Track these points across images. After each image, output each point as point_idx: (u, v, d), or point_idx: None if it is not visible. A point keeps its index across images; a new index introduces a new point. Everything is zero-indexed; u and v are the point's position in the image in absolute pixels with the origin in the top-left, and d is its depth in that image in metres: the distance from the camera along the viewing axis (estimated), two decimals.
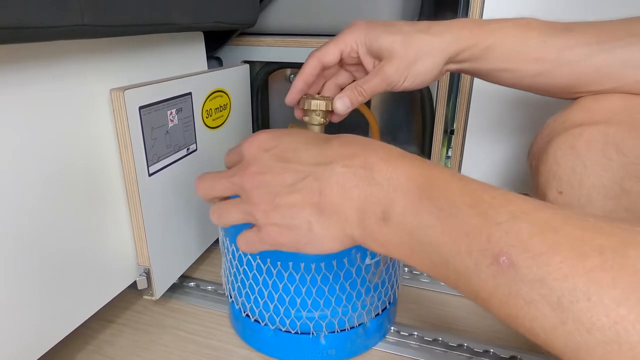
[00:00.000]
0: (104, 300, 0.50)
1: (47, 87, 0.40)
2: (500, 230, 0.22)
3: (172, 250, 0.57)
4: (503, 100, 0.68)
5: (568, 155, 0.35)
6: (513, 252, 0.21)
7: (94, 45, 0.44)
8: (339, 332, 0.48)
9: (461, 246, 0.23)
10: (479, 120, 0.70)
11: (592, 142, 0.34)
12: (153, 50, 0.53)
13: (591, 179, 0.34)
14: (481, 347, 0.51)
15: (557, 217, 0.22)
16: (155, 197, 0.52)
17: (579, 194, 0.35)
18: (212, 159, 0.64)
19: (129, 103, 0.45)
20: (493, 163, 0.72)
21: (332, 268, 0.44)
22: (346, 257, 0.44)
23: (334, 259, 0.44)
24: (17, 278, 0.39)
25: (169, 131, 0.53)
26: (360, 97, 0.42)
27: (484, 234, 0.23)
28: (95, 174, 0.46)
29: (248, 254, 0.45)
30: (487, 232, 0.23)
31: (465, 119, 0.72)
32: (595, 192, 0.34)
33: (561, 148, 0.36)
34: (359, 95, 0.42)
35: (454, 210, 0.24)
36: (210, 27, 0.56)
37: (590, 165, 0.34)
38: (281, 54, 0.74)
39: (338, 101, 0.43)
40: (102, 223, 0.48)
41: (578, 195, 0.35)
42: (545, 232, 0.21)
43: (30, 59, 0.37)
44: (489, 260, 0.22)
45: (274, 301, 0.46)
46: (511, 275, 0.21)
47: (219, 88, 0.63)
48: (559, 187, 0.36)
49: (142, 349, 0.51)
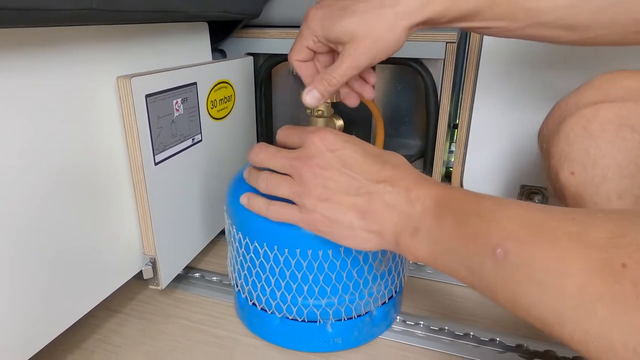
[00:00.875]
0: (109, 289, 0.50)
1: (52, 73, 0.39)
2: (497, 228, 0.27)
3: (178, 240, 0.57)
4: (505, 94, 0.68)
5: (581, 137, 0.35)
6: (506, 244, 0.26)
7: (99, 33, 0.44)
8: (345, 320, 0.48)
9: (470, 248, 0.28)
10: (482, 115, 0.70)
11: (605, 123, 0.34)
12: (158, 40, 0.53)
13: (605, 159, 0.34)
14: (487, 335, 0.51)
15: (543, 214, 0.26)
16: (161, 187, 0.52)
17: (593, 174, 0.35)
18: (217, 150, 0.64)
19: (135, 91, 0.45)
20: (497, 157, 0.72)
21: (339, 255, 0.44)
22: None
23: (341, 247, 0.43)
24: (24, 267, 0.39)
25: (175, 120, 0.53)
26: (330, 87, 0.40)
27: (486, 234, 0.27)
28: (100, 163, 0.46)
29: (254, 241, 0.45)
30: (488, 231, 0.27)
31: (469, 113, 0.72)
32: (610, 171, 0.34)
33: (574, 129, 0.36)
34: (328, 85, 0.40)
35: (466, 220, 0.29)
36: (216, 17, 0.56)
37: (604, 146, 0.34)
38: (285, 46, 0.74)
39: (307, 96, 0.41)
40: (107, 213, 0.48)
41: (592, 176, 0.35)
42: (531, 226, 0.26)
43: (36, 44, 0.37)
44: (489, 253, 0.27)
45: (281, 289, 0.46)
46: (505, 263, 0.26)
47: (223, 79, 0.63)
48: (572, 168, 0.36)
49: (149, 337, 0.51)
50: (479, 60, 0.68)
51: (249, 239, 0.46)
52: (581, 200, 0.36)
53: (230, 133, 0.67)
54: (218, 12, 0.55)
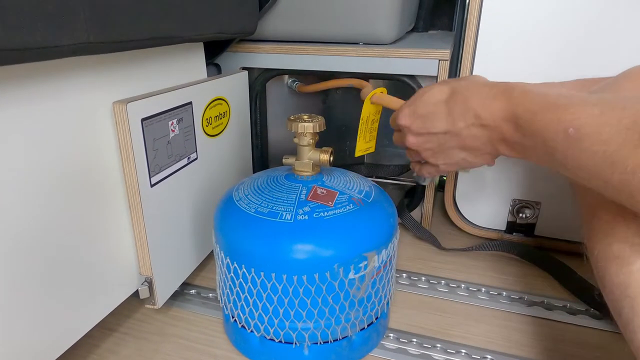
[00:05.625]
0: (106, 310, 0.50)
1: (50, 101, 0.40)
2: (566, 113, 0.34)
3: (174, 258, 0.57)
4: None
5: None
6: (575, 123, 0.33)
7: (95, 59, 0.44)
8: (322, 344, 0.48)
9: (549, 130, 0.35)
10: None
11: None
12: (153, 61, 0.53)
13: None
14: (480, 353, 0.52)
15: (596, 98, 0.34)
16: (157, 207, 0.52)
17: None
18: (213, 167, 0.64)
19: (131, 115, 0.46)
20: (489, 169, 0.73)
21: (314, 281, 0.44)
22: (328, 271, 0.44)
23: (315, 272, 0.44)
24: (20, 289, 0.39)
25: (170, 141, 0.53)
26: None
27: (556, 118, 0.34)
28: (97, 185, 0.47)
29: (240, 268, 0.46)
30: (559, 116, 0.34)
31: None
32: None
33: None
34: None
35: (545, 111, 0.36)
36: (211, 38, 0.57)
37: None
38: (279, 61, 0.74)
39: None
40: (104, 233, 0.48)
41: None
42: (589, 106, 0.33)
43: (33, 74, 0.38)
44: (562, 133, 0.34)
45: (259, 309, 0.47)
46: (574, 137, 0.33)
47: (218, 96, 0.63)
48: None
49: (146, 357, 0.51)
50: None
51: (229, 259, 0.47)
52: None
53: (226, 149, 0.68)
54: (213, 33, 0.55)
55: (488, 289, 0.64)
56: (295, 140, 0.49)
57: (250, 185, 0.51)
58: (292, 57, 0.73)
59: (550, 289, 0.63)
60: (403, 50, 0.67)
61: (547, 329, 0.56)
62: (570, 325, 0.57)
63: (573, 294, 0.62)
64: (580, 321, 0.57)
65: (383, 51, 0.68)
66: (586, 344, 0.54)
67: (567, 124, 0.33)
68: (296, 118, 0.51)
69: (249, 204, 0.47)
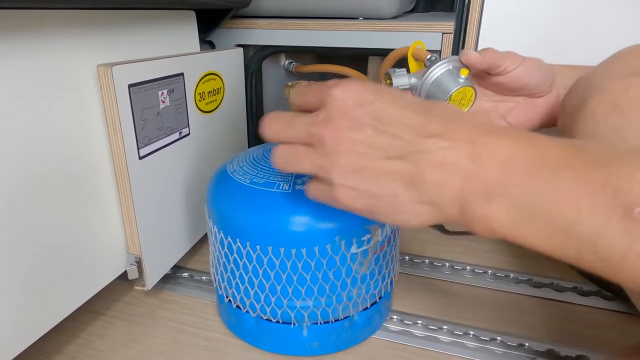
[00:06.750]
0: (92, 291, 0.47)
1: (30, 59, 0.37)
2: (631, 181, 0.21)
3: (164, 238, 0.54)
4: None
5: (610, 114, 0.32)
6: None
7: (81, 18, 0.41)
8: (322, 324, 0.45)
9: (582, 208, 0.22)
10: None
11: (639, 99, 0.31)
12: (143, 28, 0.50)
13: (638, 139, 0.31)
14: (488, 335, 0.49)
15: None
16: (146, 182, 0.49)
17: None
18: (206, 144, 0.61)
19: (117, 80, 0.43)
20: None
21: (313, 255, 0.41)
22: (329, 244, 0.41)
23: (315, 246, 0.41)
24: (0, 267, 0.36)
25: (161, 112, 0.50)
26: None
27: (611, 189, 0.21)
28: (81, 158, 0.44)
29: (235, 242, 0.43)
30: (615, 185, 0.21)
31: None
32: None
33: (601, 105, 0.33)
34: None
35: (571, 172, 0.23)
36: (203, 4, 0.54)
37: (636, 123, 0.31)
38: (276, 37, 0.71)
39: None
40: (89, 210, 0.45)
41: None
42: None
43: (13, 27, 0.35)
44: (619, 214, 0.21)
45: (254, 287, 0.43)
46: None
47: (212, 71, 0.61)
48: None
49: (134, 341, 0.48)
50: (476, 50, 0.66)
51: (223, 233, 0.44)
52: None
53: (220, 127, 0.65)
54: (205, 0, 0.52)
55: (495, 271, 0.61)
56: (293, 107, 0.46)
57: (245, 157, 0.48)
58: (289, 32, 0.70)
59: (559, 272, 0.61)
60: (406, 24, 0.64)
61: (557, 310, 0.54)
62: (580, 306, 0.54)
63: (582, 275, 0.60)
64: (591, 302, 0.55)
65: (385, 25, 0.65)
66: (597, 324, 0.51)
67: None
68: (294, 84, 0.48)
69: (244, 175, 0.44)
